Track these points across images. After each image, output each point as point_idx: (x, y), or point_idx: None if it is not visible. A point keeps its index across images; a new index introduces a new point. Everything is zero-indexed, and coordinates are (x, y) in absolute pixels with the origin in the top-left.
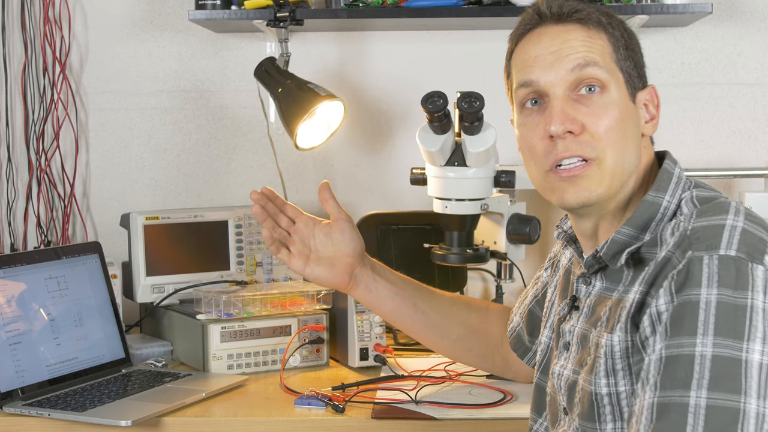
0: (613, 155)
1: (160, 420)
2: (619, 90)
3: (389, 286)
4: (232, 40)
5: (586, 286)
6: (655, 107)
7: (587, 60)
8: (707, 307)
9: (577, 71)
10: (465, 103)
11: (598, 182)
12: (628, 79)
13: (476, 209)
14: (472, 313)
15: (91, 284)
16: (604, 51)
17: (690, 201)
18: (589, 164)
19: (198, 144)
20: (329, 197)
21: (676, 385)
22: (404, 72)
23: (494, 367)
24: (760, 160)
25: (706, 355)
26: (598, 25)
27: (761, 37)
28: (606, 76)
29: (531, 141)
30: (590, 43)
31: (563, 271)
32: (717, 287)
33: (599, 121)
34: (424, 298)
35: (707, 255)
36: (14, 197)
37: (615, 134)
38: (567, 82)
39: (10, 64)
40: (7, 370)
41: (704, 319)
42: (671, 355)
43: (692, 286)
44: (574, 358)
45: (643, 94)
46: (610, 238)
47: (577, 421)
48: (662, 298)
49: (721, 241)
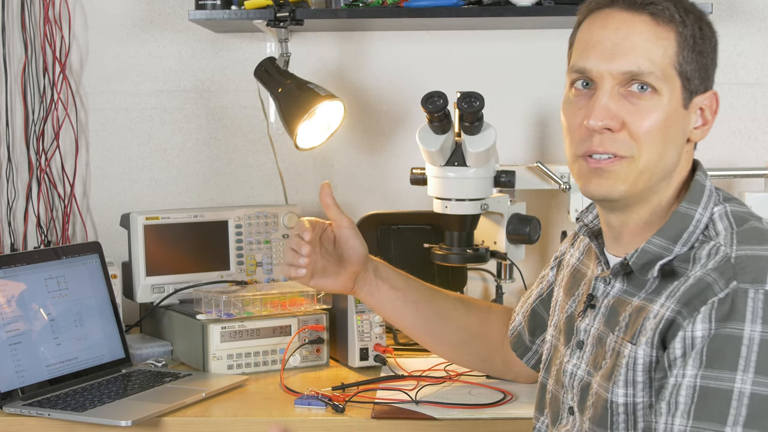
0: (648, 157)
1: (160, 420)
2: (671, 95)
3: (391, 291)
4: (232, 40)
5: (605, 285)
6: (712, 113)
7: (642, 68)
8: (750, 343)
9: (629, 75)
10: (465, 103)
11: (623, 180)
12: (685, 84)
13: (476, 209)
14: (473, 317)
15: (91, 284)
16: (666, 53)
17: (725, 217)
18: (619, 160)
19: (198, 144)
20: (331, 203)
21: (711, 418)
22: (404, 72)
23: (494, 369)
24: (760, 160)
25: (745, 392)
26: (670, 22)
27: (761, 37)
28: (660, 83)
29: (571, 122)
30: (655, 42)
31: (569, 270)
32: (761, 324)
33: (641, 122)
34: (425, 302)
35: (753, 288)
36: (14, 197)
37: (655, 137)
38: (618, 78)
39: (10, 64)
40: (7, 370)
41: (746, 356)
42: (708, 386)
43: (736, 319)
44: (588, 359)
45: (701, 98)
46: (640, 248)
47: (587, 424)
48: (700, 324)
49: (767, 275)
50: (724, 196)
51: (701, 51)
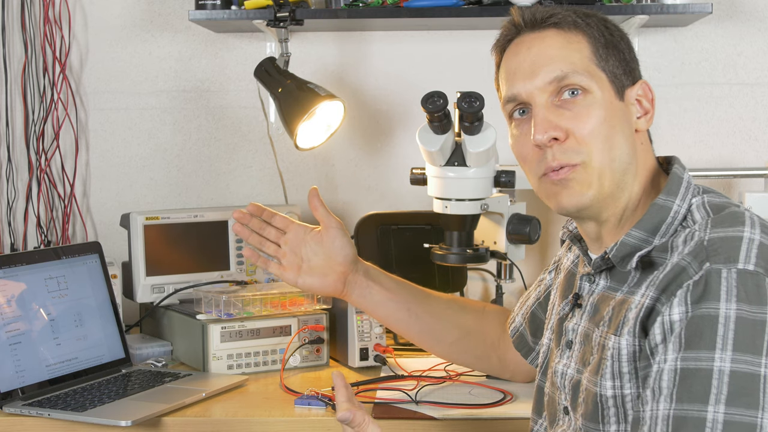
0: (599, 156)
1: (160, 420)
2: (602, 90)
3: (383, 291)
4: (232, 40)
5: (590, 284)
6: (650, 101)
7: (564, 71)
8: (726, 321)
9: (555, 83)
10: (465, 103)
11: (587, 185)
12: (612, 78)
13: (476, 209)
14: (467, 315)
15: (91, 284)
16: (582, 54)
17: (702, 207)
18: (574, 168)
19: (198, 144)
20: (319, 205)
21: (693, 399)
22: (404, 72)
23: (491, 368)
24: (760, 160)
25: (725, 370)
26: (575, 27)
27: (761, 37)
28: (586, 81)
29: (522, 150)
30: (567, 48)
31: (565, 273)
32: (736, 302)
33: (583, 125)
34: (418, 302)
35: (725, 268)
36: (14, 197)
37: (600, 135)
38: (548, 91)
39: (10, 64)
40: (7, 370)
41: (723, 334)
42: (688, 367)
43: (710, 299)
44: (576, 357)
45: (634, 90)
46: (619, 241)
47: (580, 421)
48: (676, 307)
49: (739, 255)
50: (703, 189)
51: (615, 46)
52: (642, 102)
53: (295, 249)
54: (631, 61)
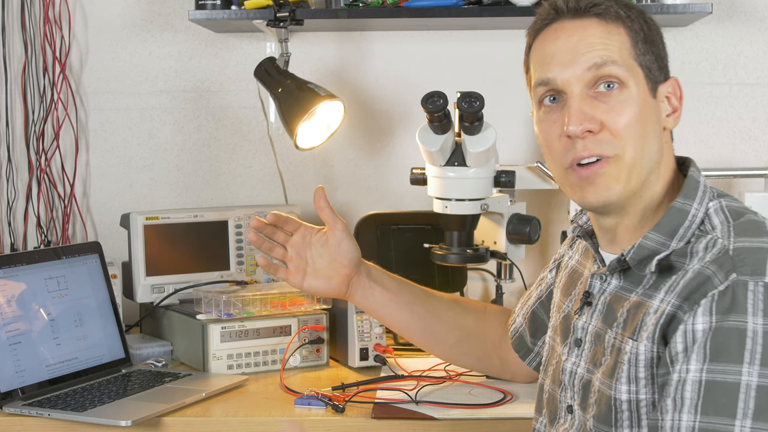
0: (633, 151)
1: (160, 420)
2: (638, 86)
3: (385, 293)
4: (232, 40)
5: (601, 282)
6: (678, 99)
7: (604, 58)
8: (754, 336)
9: (594, 70)
10: (465, 103)
11: (616, 179)
12: (648, 74)
13: (476, 209)
14: (469, 317)
15: (91, 284)
16: (622, 47)
17: (720, 211)
18: (607, 161)
19: (198, 144)
20: (325, 206)
21: (720, 412)
22: (404, 72)
23: (491, 369)
24: (760, 160)
25: (752, 384)
26: (617, 19)
27: (761, 37)
28: (624, 73)
29: (550, 138)
30: (608, 39)
31: (567, 271)
32: (763, 317)
33: (618, 118)
34: (420, 303)
35: (752, 281)
36: (14, 197)
37: (635, 130)
38: (584, 80)
39: (10, 64)
40: (7, 370)
41: (751, 348)
42: (714, 380)
43: (738, 312)
44: (586, 356)
45: (665, 86)
46: (637, 243)
47: (591, 422)
48: (701, 317)
49: (766, 267)
50: (718, 192)
51: (653, 41)
52: (671, 99)
53: (300, 252)
54: (664, 57)
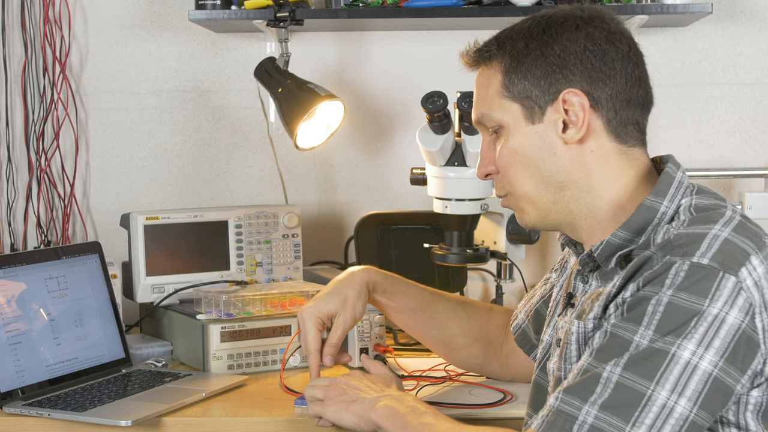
0: (519, 186)
1: (160, 420)
2: (515, 121)
3: (387, 302)
4: (232, 40)
5: (584, 284)
6: (581, 108)
7: (478, 115)
8: (657, 303)
9: (479, 125)
10: (465, 103)
11: (522, 210)
12: (525, 103)
13: (476, 209)
14: (474, 322)
15: (91, 284)
16: (495, 90)
17: (688, 209)
18: (507, 198)
19: (198, 144)
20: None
21: (603, 358)
22: (404, 72)
23: (492, 373)
24: (760, 160)
25: (641, 345)
26: (491, 59)
27: (761, 37)
28: (497, 117)
29: None
30: (485, 83)
31: (570, 272)
32: (674, 289)
33: (500, 160)
34: (423, 309)
35: (680, 260)
36: (14, 197)
37: (514, 166)
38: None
39: (10, 64)
40: (7, 370)
41: (650, 313)
42: (614, 333)
43: (655, 284)
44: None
45: (555, 105)
46: (605, 240)
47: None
48: (630, 290)
49: (698, 249)
50: (697, 189)
51: (530, 65)
52: (569, 113)
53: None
54: (551, 73)
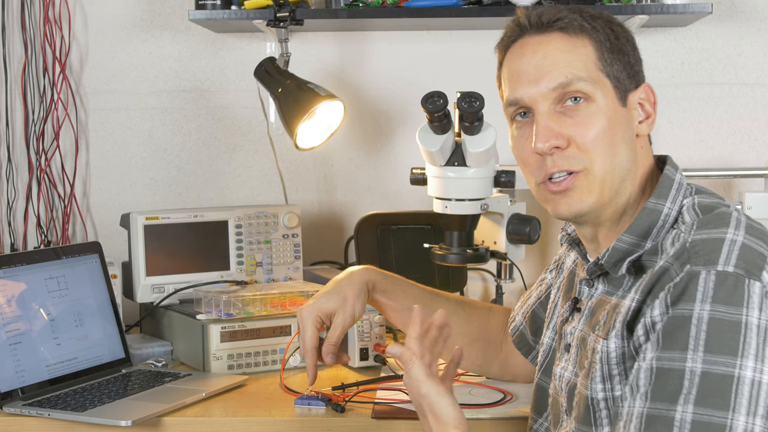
0: (601, 164)
1: (160, 420)
2: (606, 98)
3: (386, 303)
4: (232, 40)
5: (589, 288)
6: (652, 105)
7: (569, 77)
8: (699, 322)
9: (560, 89)
10: (465, 103)
11: (588, 192)
12: (616, 84)
13: (476, 209)
14: (473, 323)
15: (91, 284)
16: (588, 60)
17: (691, 208)
18: (576, 176)
19: (198, 144)
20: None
21: (664, 398)
22: (404, 72)
23: (491, 373)
24: (760, 160)
25: (696, 371)
26: (581, 32)
27: (761, 37)
28: (590, 88)
29: (522, 154)
30: (573, 54)
31: (567, 273)
32: (711, 303)
33: (585, 132)
34: (424, 308)
35: (705, 270)
36: (14, 197)
37: (602, 143)
38: (551, 98)
39: (10, 64)
40: (7, 370)
41: (695, 335)
42: (662, 367)
43: (687, 300)
44: (574, 360)
45: (636, 93)
46: (611, 246)
47: (573, 424)
48: (657, 309)
49: (719, 256)
50: (696, 189)
51: (620, 49)
52: (644, 105)
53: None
54: (635, 63)
